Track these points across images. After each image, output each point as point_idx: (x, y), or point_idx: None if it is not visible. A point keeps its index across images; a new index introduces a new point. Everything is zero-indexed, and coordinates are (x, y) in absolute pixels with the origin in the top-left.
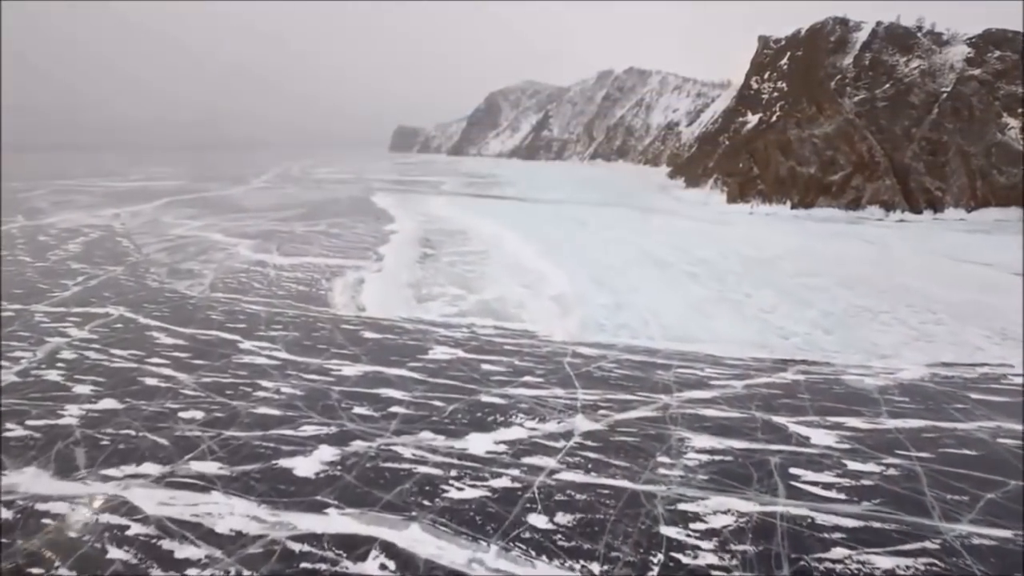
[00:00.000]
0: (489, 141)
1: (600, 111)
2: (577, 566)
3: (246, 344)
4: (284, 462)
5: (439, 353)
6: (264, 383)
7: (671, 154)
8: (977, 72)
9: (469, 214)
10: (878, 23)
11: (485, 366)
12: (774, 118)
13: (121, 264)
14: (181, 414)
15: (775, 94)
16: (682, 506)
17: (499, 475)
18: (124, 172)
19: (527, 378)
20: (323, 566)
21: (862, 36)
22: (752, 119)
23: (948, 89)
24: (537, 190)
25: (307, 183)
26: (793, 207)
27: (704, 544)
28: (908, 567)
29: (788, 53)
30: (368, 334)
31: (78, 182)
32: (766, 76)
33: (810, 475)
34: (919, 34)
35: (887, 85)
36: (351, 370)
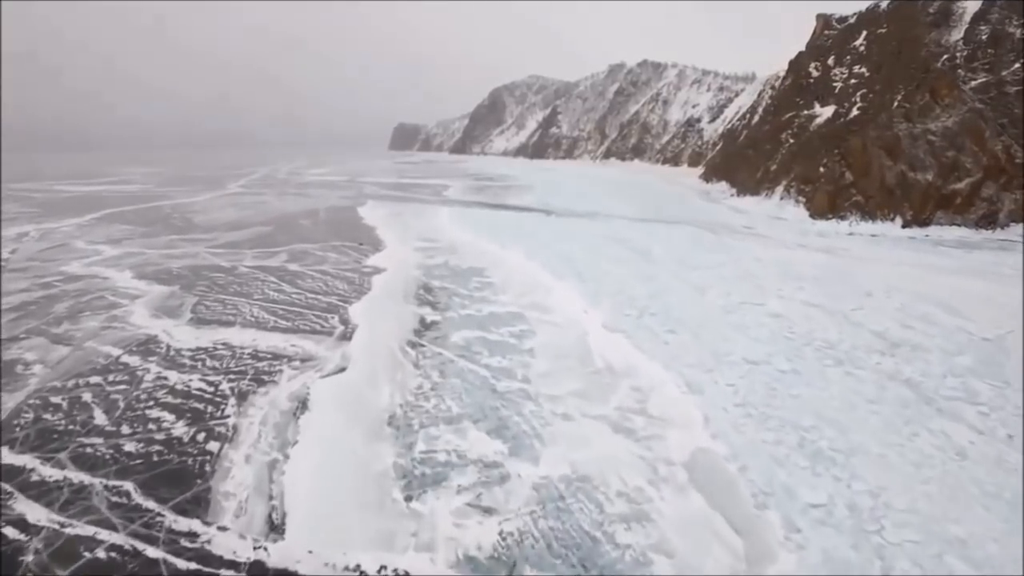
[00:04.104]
0: (493, 139)
1: (612, 107)
2: None
3: None
4: None
5: None
6: None
7: (692, 152)
8: None
9: (484, 236)
10: None
11: None
12: (855, 110)
13: None
14: None
15: (852, 81)
16: None
17: None
18: (98, 174)
19: None
20: None
21: (972, 5)
22: (823, 112)
23: None
24: (560, 197)
25: (290, 187)
26: (905, 224)
27: None
28: None
29: (864, 32)
30: None
31: (33, 186)
32: (831, 60)
33: None
34: None
35: (1017, 65)
36: None
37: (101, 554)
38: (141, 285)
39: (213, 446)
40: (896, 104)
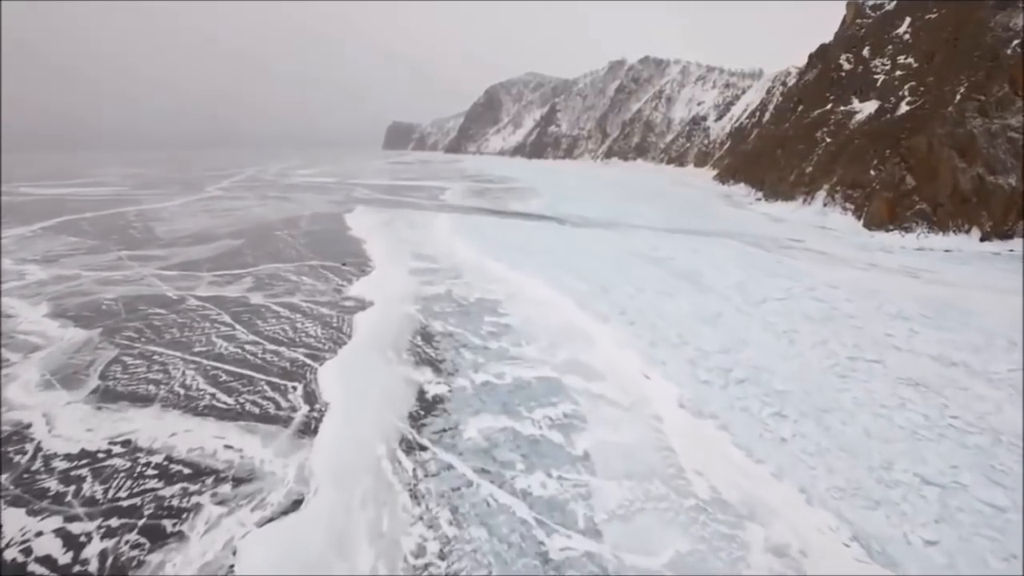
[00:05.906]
0: (489, 138)
1: (614, 104)
2: None
3: None
4: None
5: None
6: None
7: (699, 152)
8: None
9: (492, 253)
10: None
11: None
12: (904, 105)
13: None
14: None
15: (898, 72)
16: None
17: None
18: (76, 175)
19: None
20: None
21: None
22: (863, 107)
23: None
24: (570, 202)
25: (274, 191)
26: (983, 237)
27: None
28: None
29: (908, 18)
30: None
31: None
32: (867, 51)
33: None
34: None
35: None
36: None
37: None
38: (51, 328)
39: None
40: (960, 96)
